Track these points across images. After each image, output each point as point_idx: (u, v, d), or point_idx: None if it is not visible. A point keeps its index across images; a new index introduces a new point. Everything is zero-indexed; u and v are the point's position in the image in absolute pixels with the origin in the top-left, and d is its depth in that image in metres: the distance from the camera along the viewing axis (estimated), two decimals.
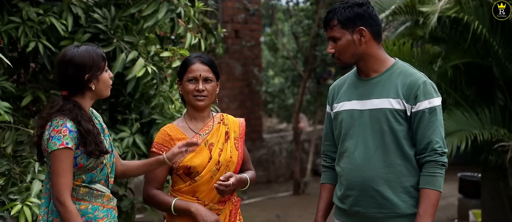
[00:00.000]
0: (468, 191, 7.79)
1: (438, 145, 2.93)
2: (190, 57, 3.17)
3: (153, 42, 4.41)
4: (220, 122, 3.21)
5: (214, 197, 3.13)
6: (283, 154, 11.28)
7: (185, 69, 3.14)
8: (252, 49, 10.75)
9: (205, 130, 3.16)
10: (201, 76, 3.10)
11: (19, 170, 3.80)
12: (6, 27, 3.96)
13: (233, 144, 3.19)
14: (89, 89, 2.90)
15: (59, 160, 2.79)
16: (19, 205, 3.50)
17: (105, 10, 4.20)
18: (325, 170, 3.25)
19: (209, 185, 3.11)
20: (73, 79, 2.87)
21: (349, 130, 3.04)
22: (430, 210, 2.92)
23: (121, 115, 4.49)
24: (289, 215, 8.56)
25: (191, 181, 3.11)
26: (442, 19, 6.07)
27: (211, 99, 3.15)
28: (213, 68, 3.14)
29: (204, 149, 3.12)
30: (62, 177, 2.79)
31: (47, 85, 4.34)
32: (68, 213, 2.81)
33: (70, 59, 2.87)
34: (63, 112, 2.84)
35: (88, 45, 2.94)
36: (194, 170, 3.09)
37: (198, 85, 3.09)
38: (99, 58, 2.91)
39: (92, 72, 2.88)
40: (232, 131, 3.22)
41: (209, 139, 3.14)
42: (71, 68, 2.86)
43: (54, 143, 2.80)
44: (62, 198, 2.80)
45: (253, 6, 10.41)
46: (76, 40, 4.08)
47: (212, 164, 3.10)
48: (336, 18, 2.98)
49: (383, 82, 3.00)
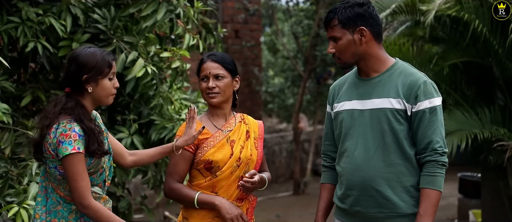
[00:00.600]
0: (468, 191, 7.79)
1: (439, 145, 2.93)
2: (203, 56, 3.24)
3: (153, 42, 4.40)
4: (241, 121, 3.26)
5: (233, 193, 3.16)
6: (283, 154, 11.27)
7: (198, 69, 3.22)
8: (252, 49, 10.75)
9: (227, 127, 3.20)
10: (211, 74, 3.15)
11: (17, 172, 3.79)
12: (5, 26, 3.95)
13: (253, 143, 3.25)
14: (86, 91, 2.89)
15: (73, 165, 2.79)
16: (16, 207, 3.48)
17: (104, 10, 4.19)
18: (325, 170, 3.25)
19: (228, 181, 3.15)
20: (73, 76, 2.87)
21: (350, 130, 3.04)
22: (430, 210, 2.91)
23: (120, 116, 4.48)
24: (289, 215, 8.55)
25: (212, 176, 3.14)
26: (442, 18, 6.07)
27: (225, 96, 3.18)
28: (225, 65, 3.18)
29: (226, 145, 3.16)
30: (79, 181, 2.79)
31: (47, 85, 4.34)
32: (97, 212, 2.81)
33: (76, 56, 2.88)
34: (66, 110, 2.84)
35: (99, 49, 2.94)
36: (216, 164, 3.12)
37: (209, 83, 3.15)
38: (104, 63, 2.89)
39: (91, 74, 2.86)
40: (252, 131, 3.27)
41: (231, 136, 3.18)
42: (74, 65, 2.86)
43: (65, 148, 2.78)
44: (86, 201, 2.80)
45: (253, 6, 10.41)
46: (76, 41, 4.07)
47: (233, 160, 3.14)
48: (336, 18, 2.98)
49: (383, 82, 3.00)
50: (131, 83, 4.20)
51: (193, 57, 6.01)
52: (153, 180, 4.61)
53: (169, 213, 7.67)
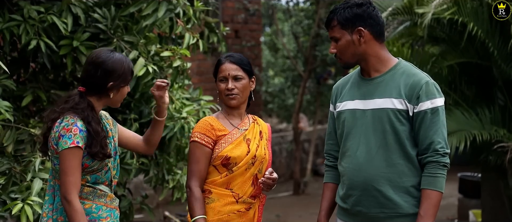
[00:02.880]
0: (468, 191, 7.80)
1: (440, 146, 2.93)
2: (221, 57, 3.27)
3: (153, 41, 4.41)
4: (254, 121, 3.31)
5: (247, 190, 3.20)
6: (283, 154, 11.28)
7: (216, 69, 3.24)
8: (252, 49, 10.75)
9: (243, 126, 3.25)
10: (230, 75, 3.19)
11: (20, 169, 3.80)
12: (7, 24, 3.96)
13: (266, 144, 3.30)
14: (107, 96, 2.93)
15: (68, 159, 2.81)
16: (20, 204, 3.49)
17: (105, 10, 4.20)
18: (328, 170, 3.25)
19: (243, 178, 3.19)
20: (98, 81, 2.90)
21: (352, 130, 3.04)
22: (431, 211, 2.91)
23: (121, 115, 4.49)
24: (289, 215, 8.55)
25: (228, 172, 3.17)
26: (441, 19, 6.07)
27: (243, 96, 3.22)
28: (243, 66, 3.22)
29: (243, 143, 3.20)
30: (70, 175, 2.81)
31: (48, 85, 4.34)
32: (74, 211, 2.82)
33: (103, 61, 2.90)
34: (76, 110, 2.87)
35: (123, 56, 2.99)
36: (233, 160, 3.16)
37: (228, 84, 3.18)
38: (129, 72, 2.96)
39: (118, 82, 2.92)
40: (264, 132, 3.32)
41: (247, 134, 3.23)
42: (101, 70, 2.89)
43: (65, 142, 2.81)
44: (70, 197, 2.81)
45: (253, 6, 10.42)
46: (76, 40, 4.08)
47: (249, 157, 3.19)
48: (335, 18, 3.00)
49: (385, 82, 3.00)
50: (131, 83, 4.20)
51: (194, 56, 6.02)
52: (155, 179, 4.62)
53: (169, 213, 7.68)
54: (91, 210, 2.93)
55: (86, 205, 2.92)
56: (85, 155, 2.87)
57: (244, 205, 3.19)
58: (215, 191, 3.18)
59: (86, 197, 2.93)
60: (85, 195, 2.93)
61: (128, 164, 4.32)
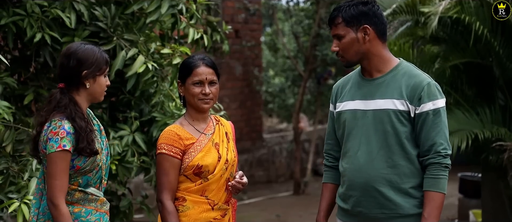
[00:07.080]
0: (468, 191, 7.79)
1: (442, 147, 2.92)
2: (193, 59, 3.12)
3: (154, 39, 4.40)
4: (217, 122, 3.21)
5: (222, 196, 3.13)
6: (283, 154, 11.27)
7: (189, 72, 3.09)
8: (253, 49, 10.75)
9: (209, 130, 3.15)
10: (207, 80, 3.08)
11: (17, 168, 3.80)
12: (12, 18, 3.96)
13: (233, 145, 3.21)
14: (83, 86, 2.90)
15: (55, 163, 2.78)
16: (17, 203, 3.48)
17: (105, 9, 4.19)
18: (327, 169, 3.24)
19: (218, 184, 3.11)
20: (72, 72, 2.87)
21: (352, 130, 3.03)
22: (435, 213, 2.91)
23: (121, 114, 4.48)
24: (289, 215, 8.55)
25: (203, 180, 3.08)
26: (443, 19, 6.06)
27: (215, 101, 3.15)
28: (216, 70, 3.13)
29: (212, 149, 3.11)
30: (57, 179, 2.78)
31: (49, 84, 4.34)
32: (61, 216, 2.79)
33: (74, 52, 2.89)
34: (59, 108, 2.84)
35: (96, 46, 2.96)
36: (206, 168, 3.06)
37: (205, 89, 3.07)
38: (103, 60, 2.92)
39: (91, 70, 2.88)
40: (229, 133, 3.23)
41: (214, 139, 3.14)
42: (72, 60, 2.87)
43: (51, 145, 2.79)
44: (56, 201, 2.78)
45: (253, 6, 10.40)
46: (77, 37, 4.08)
47: (222, 162, 3.10)
48: (340, 15, 2.98)
49: (387, 83, 2.99)
50: (131, 81, 4.20)
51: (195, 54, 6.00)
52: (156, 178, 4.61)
53: None
54: (80, 214, 2.89)
55: (76, 209, 2.88)
56: (77, 157, 2.84)
57: (219, 211, 3.11)
58: (190, 198, 3.07)
59: (76, 202, 2.89)
60: (76, 200, 2.89)
61: (129, 162, 4.31)
